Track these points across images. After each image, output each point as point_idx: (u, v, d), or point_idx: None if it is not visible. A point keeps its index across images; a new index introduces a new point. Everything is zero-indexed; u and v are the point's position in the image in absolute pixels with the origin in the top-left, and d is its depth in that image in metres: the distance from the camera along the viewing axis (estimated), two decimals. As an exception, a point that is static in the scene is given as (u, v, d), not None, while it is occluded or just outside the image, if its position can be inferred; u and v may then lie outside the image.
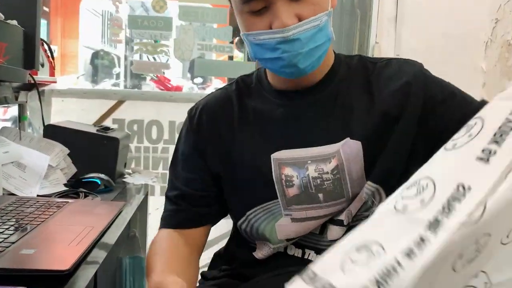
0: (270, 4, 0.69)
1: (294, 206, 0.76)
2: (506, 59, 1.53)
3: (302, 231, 0.77)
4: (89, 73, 9.64)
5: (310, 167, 0.75)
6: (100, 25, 10.31)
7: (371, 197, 0.75)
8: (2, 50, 1.03)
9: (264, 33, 0.70)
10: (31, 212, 0.92)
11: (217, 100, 0.83)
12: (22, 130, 1.34)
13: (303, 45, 0.70)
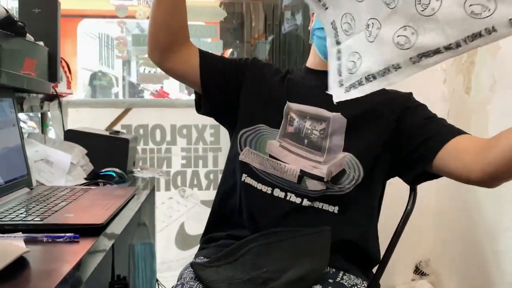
0: None
1: (286, 138, 1.06)
2: (460, 58, 1.76)
3: (281, 155, 1.04)
4: (88, 94, 9.83)
5: (307, 121, 1.06)
6: (97, 47, 10.54)
7: (350, 168, 1.02)
8: (33, 66, 1.26)
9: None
10: (63, 194, 1.13)
11: (270, 66, 1.19)
12: (46, 135, 1.56)
13: None
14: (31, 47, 1.25)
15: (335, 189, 1.03)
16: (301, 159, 1.04)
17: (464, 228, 1.69)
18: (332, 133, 1.04)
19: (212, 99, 1.12)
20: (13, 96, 1.17)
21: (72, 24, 8.06)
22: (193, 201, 2.00)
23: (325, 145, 1.03)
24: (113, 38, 10.64)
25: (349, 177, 1.03)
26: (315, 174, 1.02)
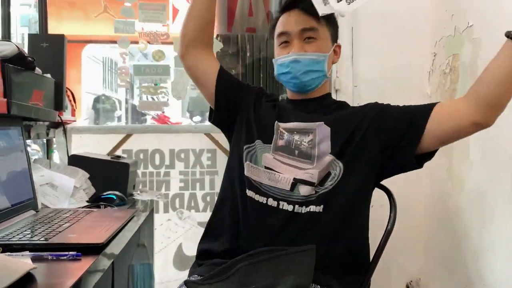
0: (290, 41, 1.20)
1: (278, 151, 1.19)
2: (443, 85, 1.85)
3: (275, 166, 1.17)
4: (92, 118, 9.96)
5: (296, 135, 1.20)
6: (101, 71, 10.72)
7: (334, 169, 1.15)
8: (41, 96, 1.35)
9: (283, 57, 1.21)
10: (67, 216, 1.21)
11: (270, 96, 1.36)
12: (51, 160, 1.65)
13: (303, 66, 1.18)
14: (39, 80, 1.35)
15: (320, 190, 1.12)
16: (293, 168, 1.16)
17: (451, 248, 1.75)
18: (319, 141, 1.16)
19: (222, 113, 1.30)
20: (21, 125, 1.26)
21: (77, 49, 8.25)
22: (190, 222, 2.06)
23: (314, 153, 1.16)
24: (116, 63, 10.81)
25: (332, 175, 1.14)
26: (307, 180, 1.13)
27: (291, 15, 1.21)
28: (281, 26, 1.22)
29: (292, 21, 1.20)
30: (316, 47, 1.19)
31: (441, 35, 1.86)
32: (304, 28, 1.19)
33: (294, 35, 1.19)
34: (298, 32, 1.19)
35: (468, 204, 1.66)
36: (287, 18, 1.21)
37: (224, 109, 1.29)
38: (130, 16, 2.00)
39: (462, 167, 1.69)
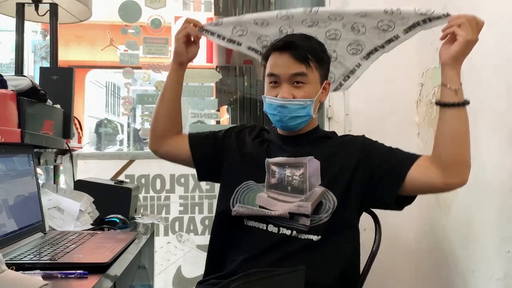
0: (280, 83, 1.23)
1: (272, 189, 1.24)
2: (430, 114, 1.94)
3: (270, 205, 1.22)
4: (94, 141, 10.01)
5: (287, 169, 1.25)
6: (104, 95, 10.83)
7: (326, 199, 1.21)
8: (51, 126, 1.45)
9: (273, 98, 1.23)
10: (73, 238, 1.29)
11: (250, 128, 1.41)
12: (57, 185, 1.73)
13: (290, 112, 1.21)
14: (50, 110, 1.44)
15: (316, 219, 1.20)
16: (287, 204, 1.21)
17: (439, 267, 1.81)
18: (310, 175, 1.22)
19: (207, 171, 1.38)
20: (32, 152, 1.35)
21: (81, 74, 8.40)
22: (189, 245, 2.13)
23: (306, 187, 1.22)
24: (119, 87, 10.96)
25: (326, 207, 1.20)
26: (301, 213, 1.20)
27: (282, 57, 1.22)
28: (271, 67, 1.24)
29: (283, 64, 1.21)
30: (304, 92, 1.21)
31: (427, 67, 1.96)
32: (294, 73, 1.21)
33: (283, 78, 1.21)
34: (287, 76, 1.21)
35: (454, 228, 1.73)
36: (278, 59, 1.23)
37: (208, 167, 1.38)
38: (135, 48, 2.12)
39: (449, 193, 1.76)
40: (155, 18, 2.14)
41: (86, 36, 2.71)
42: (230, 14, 2.19)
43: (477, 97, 1.60)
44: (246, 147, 1.33)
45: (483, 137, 1.56)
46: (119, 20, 2.15)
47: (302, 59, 1.20)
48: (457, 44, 1.13)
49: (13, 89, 1.21)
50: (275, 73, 1.22)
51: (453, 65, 1.14)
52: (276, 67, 1.22)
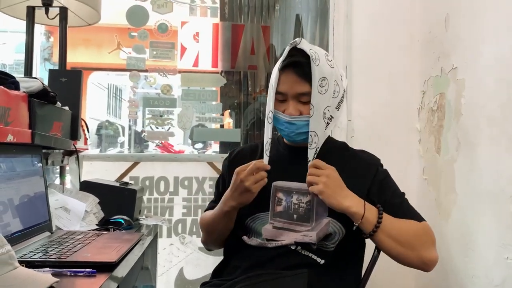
0: (287, 100, 1.21)
1: (277, 218, 1.22)
2: (431, 121, 1.97)
3: (276, 236, 1.21)
4: (95, 143, 10.02)
5: (294, 196, 1.23)
6: (106, 97, 10.84)
7: (333, 229, 1.20)
8: (60, 127, 1.48)
9: (281, 114, 1.21)
10: (80, 238, 1.31)
11: (245, 149, 1.38)
12: (64, 185, 1.76)
13: (296, 128, 1.21)
14: (59, 112, 1.47)
15: (323, 245, 1.21)
16: (293, 233, 1.21)
17: (439, 273, 1.83)
18: (317, 203, 1.21)
19: None
20: (41, 153, 1.37)
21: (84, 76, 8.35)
22: (192, 247, 2.15)
23: (313, 216, 1.21)
24: (121, 89, 10.99)
25: (333, 237, 1.20)
26: (306, 242, 1.20)
27: (287, 77, 1.21)
28: (279, 84, 1.23)
29: (289, 83, 1.21)
30: (308, 108, 1.20)
31: (429, 75, 1.99)
32: (299, 93, 1.20)
33: (290, 96, 1.21)
34: (293, 95, 1.20)
35: (453, 233, 1.75)
36: (284, 78, 1.22)
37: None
38: (141, 52, 2.15)
39: (449, 198, 1.79)
40: (162, 22, 2.17)
41: (93, 39, 2.74)
42: (235, 20, 2.23)
43: (478, 106, 1.63)
44: None
45: (482, 144, 1.59)
46: (126, 23, 2.18)
47: (305, 76, 1.19)
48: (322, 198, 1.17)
49: (25, 91, 1.24)
50: (282, 91, 1.22)
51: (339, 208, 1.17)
52: (282, 85, 1.22)
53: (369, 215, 1.15)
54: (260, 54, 2.31)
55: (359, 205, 1.16)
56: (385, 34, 2.09)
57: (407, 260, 1.19)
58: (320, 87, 1.18)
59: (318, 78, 1.18)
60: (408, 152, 2.08)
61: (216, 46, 2.26)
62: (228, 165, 1.36)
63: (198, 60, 2.27)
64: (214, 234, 1.34)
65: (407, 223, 1.20)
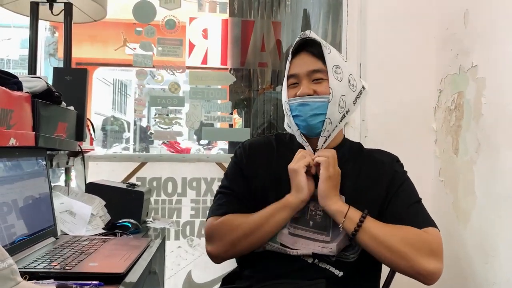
0: (299, 82, 1.17)
1: (293, 223, 1.16)
2: (448, 121, 1.90)
3: (291, 243, 1.15)
4: (100, 139, 10.03)
5: (311, 202, 1.16)
6: (111, 93, 10.85)
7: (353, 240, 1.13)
8: (65, 128, 1.42)
9: (292, 99, 1.17)
10: (86, 244, 1.26)
11: (259, 143, 1.30)
12: (69, 187, 1.71)
13: (311, 108, 1.14)
14: (64, 113, 1.42)
15: (343, 256, 1.15)
16: (310, 242, 1.15)
17: (457, 279, 1.77)
18: None
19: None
20: (45, 155, 1.32)
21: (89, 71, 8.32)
22: (200, 250, 2.10)
23: (330, 224, 1.15)
24: (126, 85, 10.98)
25: (354, 248, 1.15)
26: (325, 254, 1.14)
27: (299, 58, 1.19)
28: (290, 68, 1.20)
29: (300, 63, 1.19)
30: (325, 87, 1.15)
31: (446, 73, 1.92)
32: (312, 70, 1.17)
33: (303, 76, 1.17)
34: (306, 73, 1.17)
35: (473, 238, 1.69)
36: (296, 60, 1.20)
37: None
38: (149, 49, 2.10)
39: (467, 201, 1.73)
40: (169, 18, 2.11)
41: (99, 35, 2.68)
42: (245, 15, 2.17)
43: (500, 105, 1.56)
44: (263, 170, 1.23)
45: (505, 146, 1.52)
46: (133, 18, 2.12)
47: (319, 55, 1.17)
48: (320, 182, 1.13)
49: (28, 91, 1.19)
50: (294, 73, 1.19)
51: (324, 203, 1.13)
52: (294, 67, 1.20)
53: (352, 214, 1.11)
54: (271, 51, 2.26)
55: (342, 205, 1.12)
56: (400, 30, 2.03)
57: (400, 268, 1.12)
58: (336, 73, 1.15)
59: (332, 64, 1.16)
60: (424, 152, 2.02)
61: (226, 42, 2.23)
62: (246, 158, 1.26)
63: (206, 57, 2.23)
64: (261, 238, 1.16)
65: (401, 229, 1.12)
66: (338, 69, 1.16)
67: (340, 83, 1.16)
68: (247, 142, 1.31)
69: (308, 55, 1.18)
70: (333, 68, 1.15)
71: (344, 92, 1.16)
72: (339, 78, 1.15)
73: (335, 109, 1.15)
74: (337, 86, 1.15)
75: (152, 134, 2.14)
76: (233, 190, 1.23)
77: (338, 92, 1.15)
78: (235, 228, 1.17)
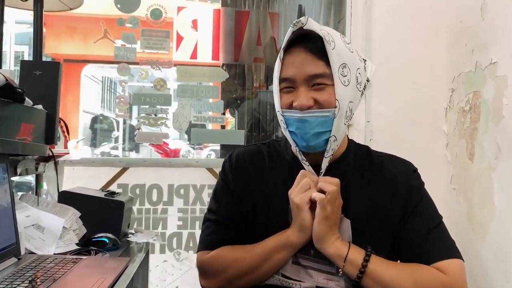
0: (296, 88, 0.94)
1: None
2: (462, 123, 1.74)
3: (294, 274, 0.97)
4: (89, 137, 9.85)
5: None
6: (100, 90, 10.67)
7: None
8: (30, 130, 1.24)
9: (287, 112, 0.94)
10: (51, 267, 1.08)
11: (249, 154, 1.09)
12: (39, 197, 1.52)
13: (311, 126, 0.92)
14: (29, 112, 1.23)
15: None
16: (314, 272, 0.97)
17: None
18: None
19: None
20: (7, 161, 1.14)
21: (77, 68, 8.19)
22: (188, 264, 1.94)
23: None
24: (115, 83, 10.79)
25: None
26: (331, 287, 0.96)
27: (294, 56, 0.95)
28: (282, 69, 0.96)
29: (296, 63, 0.94)
30: (329, 94, 0.92)
31: (460, 71, 1.77)
32: (313, 74, 0.93)
33: (300, 81, 0.94)
34: (304, 78, 0.93)
35: (491, 253, 1.54)
36: (290, 59, 0.96)
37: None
38: (132, 42, 1.92)
39: (485, 211, 1.58)
40: (155, 8, 1.93)
41: (79, 28, 2.50)
42: (238, 5, 2.01)
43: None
44: (255, 184, 1.04)
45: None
46: (116, 13, 1.95)
47: (319, 51, 0.92)
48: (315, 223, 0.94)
49: (-18, 87, 1.00)
50: (288, 77, 0.95)
51: (320, 246, 0.94)
52: (288, 69, 0.95)
53: (353, 256, 0.92)
54: (267, 45, 2.10)
55: (341, 246, 0.93)
56: (408, 24, 1.89)
57: None
58: (342, 76, 0.92)
59: (338, 64, 0.92)
60: (434, 157, 1.88)
61: (218, 35, 2.07)
62: (234, 173, 1.07)
63: (196, 52, 2.07)
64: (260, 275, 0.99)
65: (413, 271, 0.93)
66: (345, 69, 0.92)
67: (348, 88, 0.93)
68: (234, 154, 1.10)
69: (305, 52, 0.94)
70: (339, 69, 0.92)
71: (352, 97, 0.94)
72: (346, 82, 0.92)
73: (341, 123, 0.94)
74: (344, 93, 0.92)
75: (135, 136, 1.95)
76: (221, 215, 1.05)
77: (345, 101, 0.92)
78: (230, 266, 0.99)
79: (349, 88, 0.93)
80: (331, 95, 0.91)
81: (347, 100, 0.92)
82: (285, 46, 0.96)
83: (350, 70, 0.93)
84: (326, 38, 0.91)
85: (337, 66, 0.91)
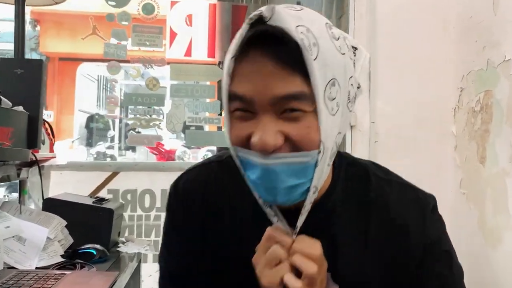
0: (255, 113, 0.58)
1: None
2: (472, 124, 1.66)
3: None
4: (84, 137, 9.76)
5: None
6: (96, 89, 10.60)
7: None
8: (9, 134, 1.14)
9: (243, 152, 0.60)
10: (31, 285, 0.99)
11: (199, 180, 0.77)
12: (22, 204, 1.42)
13: (282, 180, 0.59)
14: (6, 114, 1.14)
15: None
16: None
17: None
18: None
19: None
20: (-18, 168, 1.05)
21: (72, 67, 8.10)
22: (183, 274, 1.84)
23: None
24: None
25: None
26: None
27: (253, 65, 0.58)
28: (234, 81, 0.59)
29: (257, 77, 0.57)
30: (306, 129, 0.58)
31: (470, 69, 1.69)
32: (283, 96, 0.57)
33: (262, 105, 0.58)
34: (269, 100, 0.57)
35: (505, 264, 1.45)
36: (247, 69, 0.58)
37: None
38: (122, 39, 1.82)
39: (498, 219, 1.49)
40: (147, 2, 1.84)
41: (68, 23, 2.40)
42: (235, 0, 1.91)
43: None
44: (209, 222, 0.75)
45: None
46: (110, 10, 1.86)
47: (292, 59, 0.56)
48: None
49: (-50, 87, 0.90)
50: (242, 95, 0.59)
51: None
52: (241, 83, 0.59)
53: None
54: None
55: None
56: (414, 20, 1.80)
57: None
58: (329, 100, 0.58)
59: (324, 82, 0.57)
60: (442, 160, 1.79)
61: (213, 31, 1.99)
62: (180, 208, 0.77)
63: (191, 49, 1.99)
64: None
65: None
66: (334, 87, 0.59)
67: (336, 116, 0.60)
68: (181, 182, 0.79)
69: (270, 60, 0.57)
70: (326, 90, 0.58)
71: (341, 127, 0.62)
72: (334, 108, 0.59)
73: (325, 165, 0.61)
74: (332, 125, 0.60)
75: (126, 139, 1.85)
76: (172, 270, 0.79)
77: (332, 137, 0.60)
78: None
79: (338, 115, 0.60)
80: (311, 129, 0.58)
81: (334, 134, 0.61)
82: (238, 49, 0.59)
83: (340, 87, 0.60)
84: (305, 42, 0.56)
85: (323, 85, 0.57)
